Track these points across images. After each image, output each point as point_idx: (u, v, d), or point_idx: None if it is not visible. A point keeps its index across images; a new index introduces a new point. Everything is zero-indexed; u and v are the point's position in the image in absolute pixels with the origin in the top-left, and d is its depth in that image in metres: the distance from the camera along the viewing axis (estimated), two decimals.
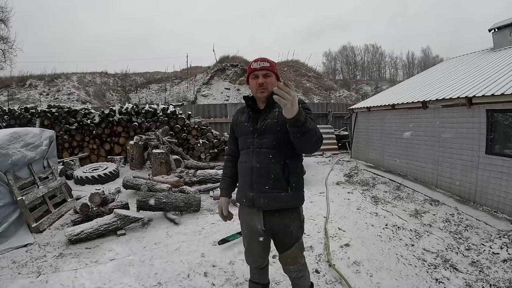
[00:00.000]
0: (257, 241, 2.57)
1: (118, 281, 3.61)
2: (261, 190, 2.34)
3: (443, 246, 4.54)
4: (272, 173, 2.31)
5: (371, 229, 5.20)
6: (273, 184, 2.32)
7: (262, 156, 2.33)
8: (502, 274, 3.75)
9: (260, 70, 2.33)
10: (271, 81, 2.35)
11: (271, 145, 2.31)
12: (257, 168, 2.34)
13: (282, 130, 2.22)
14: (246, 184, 2.43)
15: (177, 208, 5.78)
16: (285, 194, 2.33)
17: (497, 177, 5.90)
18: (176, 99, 25.20)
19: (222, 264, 4.00)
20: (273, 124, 2.31)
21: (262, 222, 2.42)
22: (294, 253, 2.49)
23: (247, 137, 2.43)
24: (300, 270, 2.59)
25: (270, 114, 2.36)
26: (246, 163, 2.42)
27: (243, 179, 2.49)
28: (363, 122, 11.98)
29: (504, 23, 9.91)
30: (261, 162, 2.33)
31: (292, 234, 2.43)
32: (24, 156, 5.41)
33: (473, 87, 6.81)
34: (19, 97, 22.94)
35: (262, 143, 2.34)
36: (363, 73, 52.32)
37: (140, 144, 9.92)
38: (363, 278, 3.67)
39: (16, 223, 4.81)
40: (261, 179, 2.34)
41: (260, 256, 2.66)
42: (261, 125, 2.36)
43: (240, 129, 2.52)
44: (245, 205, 2.48)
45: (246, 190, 2.43)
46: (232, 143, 2.71)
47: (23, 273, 3.79)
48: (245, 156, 2.45)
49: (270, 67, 2.35)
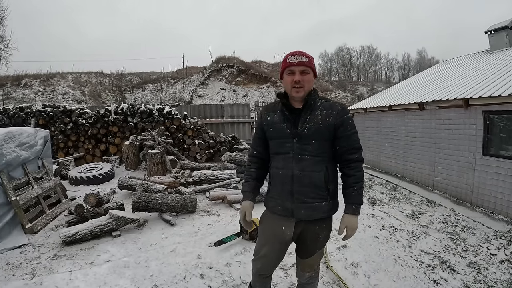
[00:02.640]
0: (278, 250, 2.41)
1: (113, 283, 3.57)
2: (302, 200, 2.20)
3: (441, 247, 4.55)
4: (315, 182, 2.18)
5: (368, 231, 5.19)
6: (315, 193, 2.20)
7: (304, 163, 2.18)
8: (500, 275, 3.77)
9: (298, 65, 2.16)
10: (308, 78, 2.18)
11: (315, 152, 2.18)
12: (299, 176, 2.18)
13: (327, 137, 2.18)
14: (284, 193, 2.25)
15: (173, 209, 5.73)
16: (326, 203, 2.23)
17: (493, 178, 5.92)
18: (172, 99, 25.18)
19: (219, 266, 3.96)
20: (318, 129, 2.16)
21: (292, 229, 2.30)
22: (314, 260, 2.44)
23: (285, 141, 2.23)
24: (313, 277, 2.54)
25: (311, 116, 2.19)
26: (285, 170, 2.23)
27: (280, 187, 2.28)
28: (359, 123, 11.95)
29: (500, 25, 9.97)
30: (303, 170, 2.17)
31: (319, 242, 2.36)
32: (18, 156, 5.36)
33: (469, 88, 6.83)
34: (14, 97, 22.81)
35: (304, 149, 2.18)
36: (359, 74, 52.40)
37: (136, 145, 9.87)
38: (360, 280, 3.66)
39: (10, 224, 4.74)
40: (303, 188, 2.19)
41: (272, 265, 2.49)
42: (302, 129, 2.18)
43: (274, 131, 2.29)
44: (281, 214, 2.30)
45: (284, 200, 2.26)
46: (259, 144, 2.48)
47: (17, 275, 3.74)
48: (283, 162, 2.25)
49: (308, 62, 2.17)
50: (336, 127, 2.17)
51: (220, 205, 6.53)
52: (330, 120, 2.16)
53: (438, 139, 7.51)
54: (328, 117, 2.17)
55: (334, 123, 2.16)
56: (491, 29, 10.33)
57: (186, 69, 31.59)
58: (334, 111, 2.18)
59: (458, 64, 10.66)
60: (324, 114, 2.17)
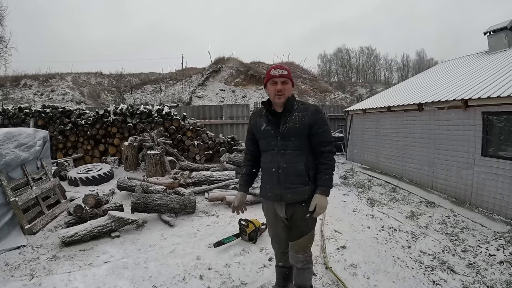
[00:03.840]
0: (281, 227, 2.89)
1: (112, 284, 3.57)
2: (288, 186, 2.65)
3: (440, 248, 4.55)
4: (297, 171, 2.64)
5: (367, 231, 5.19)
6: (298, 180, 2.64)
7: (287, 156, 2.64)
8: (499, 275, 3.77)
9: (280, 77, 2.62)
10: (288, 87, 2.65)
11: (296, 147, 2.64)
12: (284, 167, 2.64)
13: (304, 134, 2.64)
14: (273, 182, 2.72)
15: (172, 210, 5.74)
16: (308, 187, 2.66)
17: (492, 179, 5.91)
18: (171, 100, 25.15)
19: (218, 267, 3.97)
20: (296, 128, 2.62)
21: (284, 211, 2.76)
22: (306, 241, 2.79)
23: (271, 139, 2.70)
24: (307, 262, 2.87)
25: (290, 118, 2.65)
26: (272, 163, 2.71)
27: (270, 177, 2.75)
28: (358, 124, 11.99)
29: (499, 26, 9.98)
30: (287, 162, 2.64)
31: (308, 222, 2.74)
32: (17, 157, 5.36)
33: (468, 89, 6.83)
34: (13, 97, 22.75)
35: (286, 145, 2.64)
36: (358, 75, 52.41)
37: (135, 145, 9.87)
38: (360, 281, 3.67)
39: (9, 224, 4.75)
40: (288, 177, 2.64)
41: (284, 241, 2.93)
42: (283, 129, 2.64)
43: (261, 132, 2.77)
44: (272, 199, 2.79)
45: (273, 187, 2.73)
46: (250, 144, 2.98)
47: (16, 275, 3.74)
48: (270, 157, 2.73)
49: (287, 74, 2.65)
50: (311, 125, 2.63)
51: (219, 206, 6.54)
52: (306, 120, 2.63)
53: (437, 140, 7.51)
54: (304, 117, 2.64)
55: (309, 122, 2.62)
56: (490, 30, 10.34)
57: (185, 70, 31.48)
58: (308, 112, 2.66)
59: (457, 65, 10.67)
60: (300, 115, 2.65)
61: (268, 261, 4.06)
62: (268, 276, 3.69)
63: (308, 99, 26.99)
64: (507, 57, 8.39)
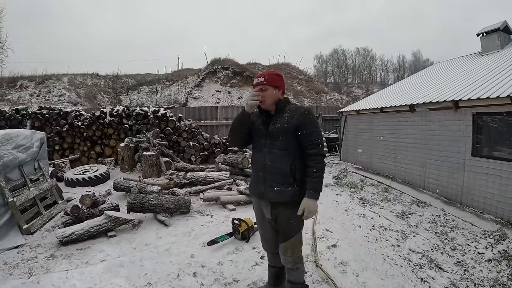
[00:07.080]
0: (268, 228, 2.96)
1: (108, 281, 3.64)
2: (271, 185, 2.70)
3: (429, 246, 4.64)
4: (282, 171, 2.67)
5: (358, 230, 5.28)
6: (282, 180, 2.67)
7: (274, 155, 2.70)
8: (487, 273, 3.85)
9: (257, 85, 2.75)
10: (267, 93, 2.72)
11: (283, 147, 2.68)
12: (269, 166, 2.71)
13: (291, 134, 2.67)
14: (259, 179, 2.79)
15: (167, 210, 5.81)
16: (292, 189, 2.67)
17: (483, 178, 6.01)
18: (167, 101, 25.14)
19: (211, 264, 4.04)
20: (283, 128, 2.68)
21: (269, 212, 2.80)
22: (293, 244, 2.80)
23: (261, 138, 2.79)
24: (296, 262, 2.89)
25: (279, 119, 2.73)
26: (260, 161, 2.79)
27: (256, 174, 2.86)
28: (352, 125, 12.08)
29: (492, 27, 10.07)
30: (273, 161, 2.69)
31: (293, 226, 2.75)
32: (15, 158, 5.42)
33: (459, 90, 6.93)
34: (10, 98, 22.68)
35: (274, 145, 2.70)
36: (354, 76, 52.58)
37: (131, 147, 9.92)
38: (349, 278, 3.75)
39: (7, 224, 4.80)
40: (272, 175, 2.70)
41: (272, 241, 3.01)
42: (272, 128, 2.73)
43: (255, 131, 2.86)
44: (257, 197, 2.87)
45: (258, 185, 2.81)
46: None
47: (14, 274, 3.81)
48: (259, 154, 2.81)
49: (265, 81, 2.72)
50: (298, 125, 2.66)
51: (214, 206, 6.62)
52: (294, 121, 2.67)
53: (428, 140, 7.61)
54: (293, 118, 2.68)
55: (297, 123, 2.66)
56: (483, 31, 10.42)
57: (181, 71, 31.44)
58: (298, 113, 2.70)
59: (450, 66, 10.77)
60: (289, 116, 2.70)
61: (260, 259, 4.14)
62: (260, 274, 3.77)
63: (304, 100, 27.08)
64: (498, 59, 8.49)
